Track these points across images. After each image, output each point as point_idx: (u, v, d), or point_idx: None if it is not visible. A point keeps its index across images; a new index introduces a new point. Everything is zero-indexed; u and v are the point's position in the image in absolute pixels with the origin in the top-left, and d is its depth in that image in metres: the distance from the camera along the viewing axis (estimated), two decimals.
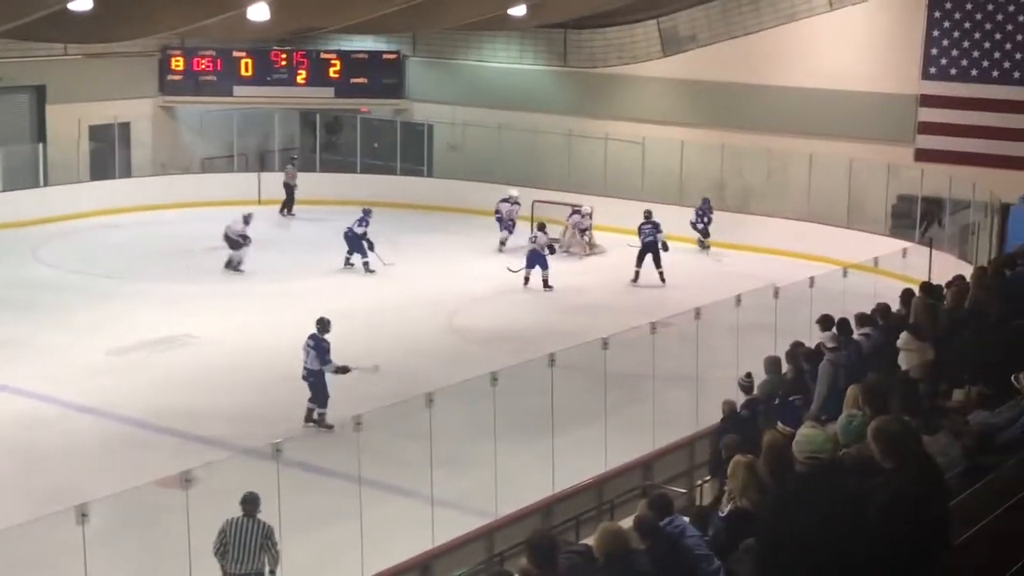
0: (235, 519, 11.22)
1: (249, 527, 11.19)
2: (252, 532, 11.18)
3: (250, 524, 11.21)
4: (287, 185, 31.81)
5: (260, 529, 11.20)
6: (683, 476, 15.16)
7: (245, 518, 11.23)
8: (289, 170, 32.12)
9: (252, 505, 11.28)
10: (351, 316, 22.59)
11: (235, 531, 11.16)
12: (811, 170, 28.71)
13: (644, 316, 17.99)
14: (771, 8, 30.12)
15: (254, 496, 11.31)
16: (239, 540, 11.14)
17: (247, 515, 11.24)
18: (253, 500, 11.30)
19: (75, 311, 22.72)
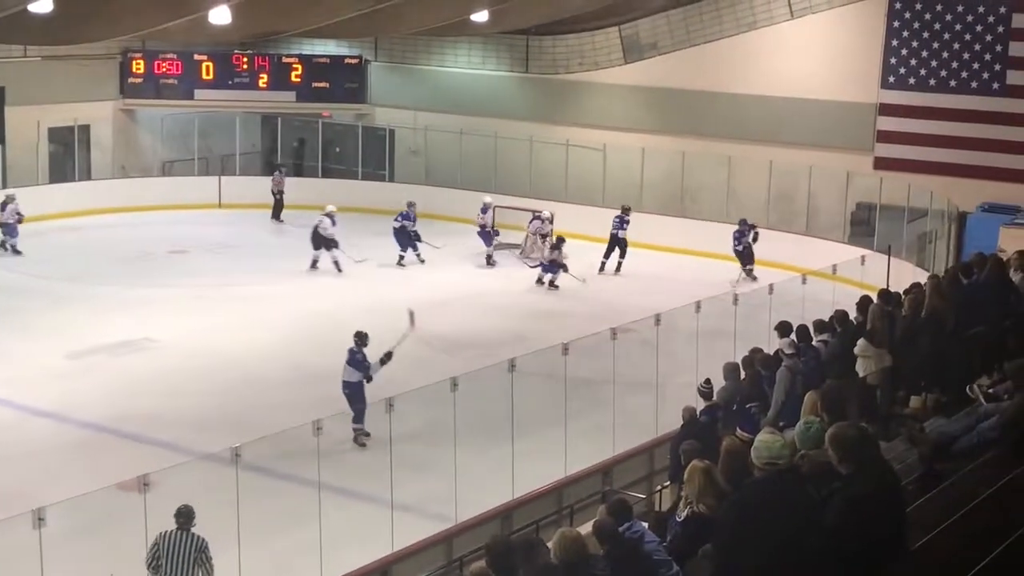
0: (168, 532, 11.06)
1: (183, 540, 11.03)
2: (186, 546, 11.01)
3: (184, 537, 11.04)
4: (275, 193, 31.58)
5: (194, 543, 11.03)
6: (642, 481, 15.23)
7: (179, 531, 11.05)
8: (276, 177, 31.84)
9: (186, 518, 11.09)
10: (313, 320, 22.60)
11: (168, 544, 11.00)
12: (771, 177, 28.89)
13: (605, 322, 18.05)
14: (732, 16, 30.31)
15: (188, 509, 11.12)
16: (172, 554, 10.98)
17: (181, 528, 11.06)
18: (187, 514, 11.11)
19: (34, 314, 22.54)
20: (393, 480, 13.38)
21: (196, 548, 11.03)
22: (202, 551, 11.07)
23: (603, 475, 15.00)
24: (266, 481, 14.30)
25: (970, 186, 26.94)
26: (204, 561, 11.10)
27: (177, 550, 10.99)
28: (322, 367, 18.76)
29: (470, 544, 12.78)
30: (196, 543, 11.05)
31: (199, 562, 11.06)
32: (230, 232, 30.00)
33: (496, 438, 15.20)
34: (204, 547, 11.08)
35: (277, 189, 31.61)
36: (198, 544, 11.06)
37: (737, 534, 6.53)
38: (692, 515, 8.44)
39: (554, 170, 31.46)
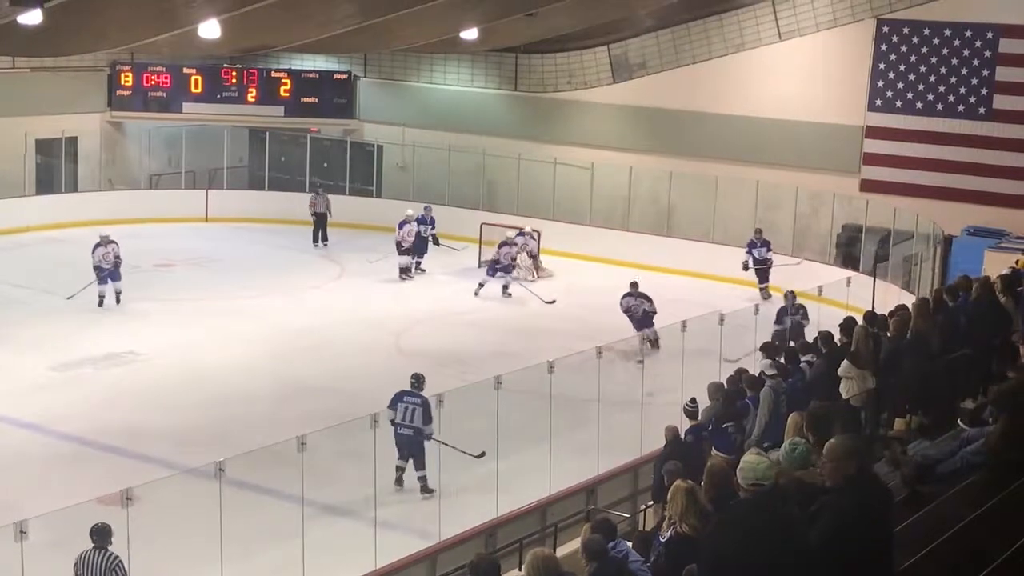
0: (86, 551, 10.99)
1: (96, 558, 10.96)
2: (98, 564, 10.94)
3: (97, 556, 10.97)
4: (314, 213, 30.51)
5: (105, 561, 10.95)
6: (627, 501, 15.22)
7: (94, 550, 10.98)
8: (314, 199, 30.77)
9: (100, 536, 11.00)
10: (298, 335, 22.58)
11: (84, 563, 10.96)
12: (757, 198, 28.97)
13: (591, 340, 18.06)
14: (720, 37, 30.42)
15: (103, 527, 11.01)
16: (87, 572, 10.95)
17: (96, 547, 10.99)
18: (100, 531, 11.00)
19: (18, 326, 22.48)
20: (377, 497, 13.35)
21: (106, 566, 10.94)
22: (112, 568, 10.97)
23: (587, 494, 14.98)
24: (250, 496, 14.27)
25: (956, 209, 27.04)
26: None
27: (91, 569, 10.94)
28: (307, 382, 18.74)
29: (454, 561, 12.76)
30: (107, 561, 10.97)
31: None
32: (216, 246, 29.96)
33: None
34: (115, 564, 10.97)
35: (319, 210, 30.49)
36: (109, 562, 10.96)
37: (722, 555, 6.52)
38: (676, 535, 8.44)
39: (542, 188, 31.51)
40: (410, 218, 27.71)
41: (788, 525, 6.61)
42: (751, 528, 6.50)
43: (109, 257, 23.68)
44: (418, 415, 15.29)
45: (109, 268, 23.68)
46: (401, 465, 15.50)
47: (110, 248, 23.73)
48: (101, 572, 10.94)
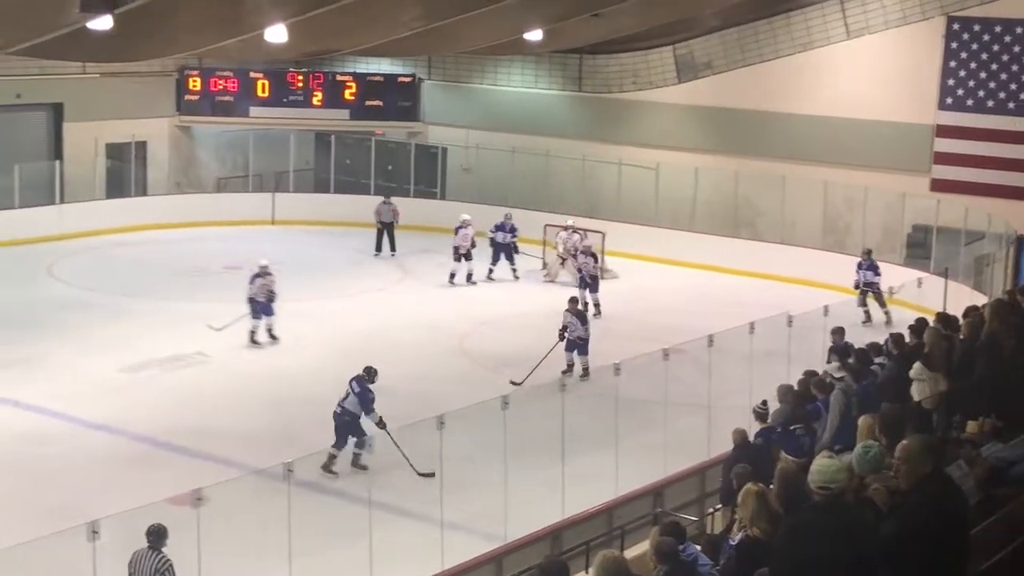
0: (140, 550, 11.09)
1: (147, 559, 11.04)
2: (148, 565, 11.01)
3: (149, 556, 11.05)
4: (380, 224, 29.93)
5: (155, 563, 11.02)
6: (694, 504, 15.11)
7: (148, 550, 11.07)
8: (380, 208, 30.18)
9: (155, 537, 11.09)
10: (363, 338, 22.66)
11: (136, 563, 11.05)
12: (826, 198, 28.70)
13: (656, 342, 17.96)
14: (788, 36, 30.18)
15: (159, 528, 11.10)
16: (139, 571, 11.04)
17: (150, 547, 11.07)
18: (156, 532, 11.09)
19: (89, 328, 22.77)
20: (443, 498, 13.35)
21: (154, 568, 11.00)
22: (160, 572, 11.01)
23: (654, 497, 14.88)
24: (317, 497, 14.34)
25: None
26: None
27: (142, 568, 11.02)
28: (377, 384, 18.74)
29: (520, 563, 12.73)
30: (156, 563, 11.02)
31: None
32: (282, 249, 30.11)
33: (546, 457, 15.14)
34: (165, 567, 11.02)
35: (385, 219, 29.97)
36: (158, 564, 11.01)
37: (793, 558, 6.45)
38: (746, 539, 8.36)
39: (606, 189, 31.44)
40: (466, 223, 27.61)
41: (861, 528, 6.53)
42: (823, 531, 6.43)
43: (265, 290, 22.05)
44: (350, 401, 16.30)
45: (263, 302, 22.04)
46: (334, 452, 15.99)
47: (268, 280, 22.12)
48: (150, 574, 11.01)
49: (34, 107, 31.70)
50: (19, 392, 18.97)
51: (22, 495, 15.35)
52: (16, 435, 17.37)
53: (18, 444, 17.04)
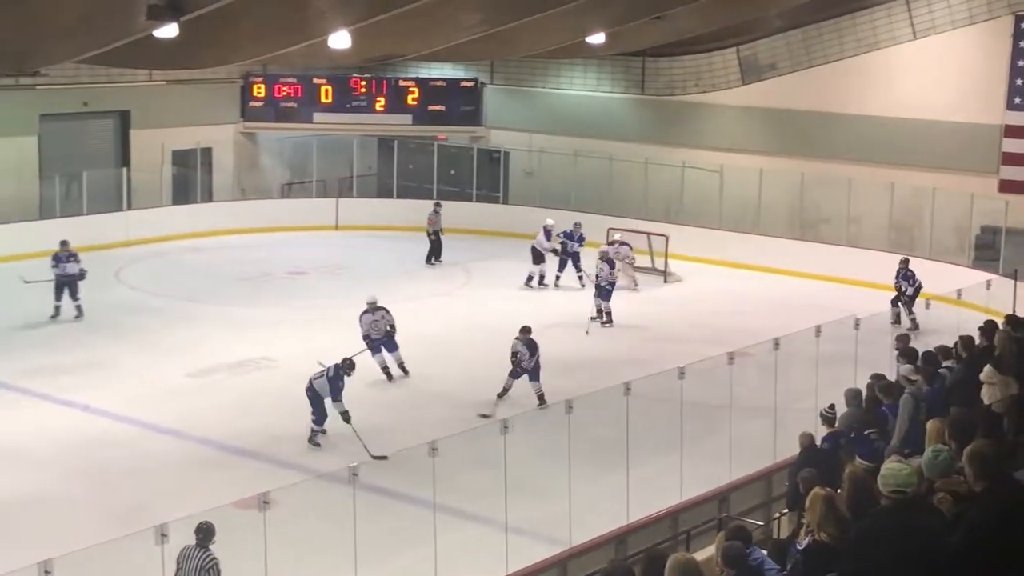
0: (188, 547, 11.17)
1: (194, 556, 11.13)
2: (195, 562, 11.10)
3: (196, 553, 11.14)
4: (429, 234, 29.67)
5: (201, 560, 11.10)
6: (760, 508, 14.99)
7: (195, 547, 11.16)
8: (430, 216, 29.90)
9: (203, 535, 11.17)
10: (425, 341, 22.70)
11: (184, 558, 11.14)
12: (892, 200, 28.39)
13: (721, 346, 17.83)
14: (853, 36, 29.91)
15: (207, 526, 11.18)
16: (186, 567, 11.13)
17: (198, 544, 11.16)
18: (203, 530, 11.17)
19: (156, 333, 23.01)
20: (508, 502, 13.33)
21: (201, 565, 11.10)
22: (206, 569, 11.10)
23: (719, 501, 14.79)
24: (382, 500, 14.38)
25: None
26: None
27: (189, 565, 11.13)
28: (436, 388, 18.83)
29: (584, 568, 12.70)
30: (202, 560, 11.12)
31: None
32: (346, 254, 30.35)
33: (610, 462, 15.08)
34: (210, 565, 11.11)
35: (432, 230, 29.66)
36: (203, 561, 11.11)
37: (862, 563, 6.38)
38: (814, 543, 8.27)
39: (669, 192, 31.31)
40: (549, 227, 27.69)
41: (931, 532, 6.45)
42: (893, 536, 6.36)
43: (380, 326, 20.83)
44: (320, 383, 17.48)
45: (380, 337, 20.84)
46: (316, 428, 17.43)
47: (379, 315, 20.93)
48: (196, 571, 11.12)
49: (101, 115, 32.16)
50: (88, 396, 19.22)
51: (91, 498, 15.53)
52: (85, 438, 17.58)
53: (87, 447, 17.24)
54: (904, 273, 24.48)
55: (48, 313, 23.54)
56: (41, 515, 14.88)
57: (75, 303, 23.68)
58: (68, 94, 30.52)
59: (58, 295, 23.59)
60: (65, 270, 23.55)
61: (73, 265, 23.58)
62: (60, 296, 23.62)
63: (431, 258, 29.60)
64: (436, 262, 29.60)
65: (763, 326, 22.02)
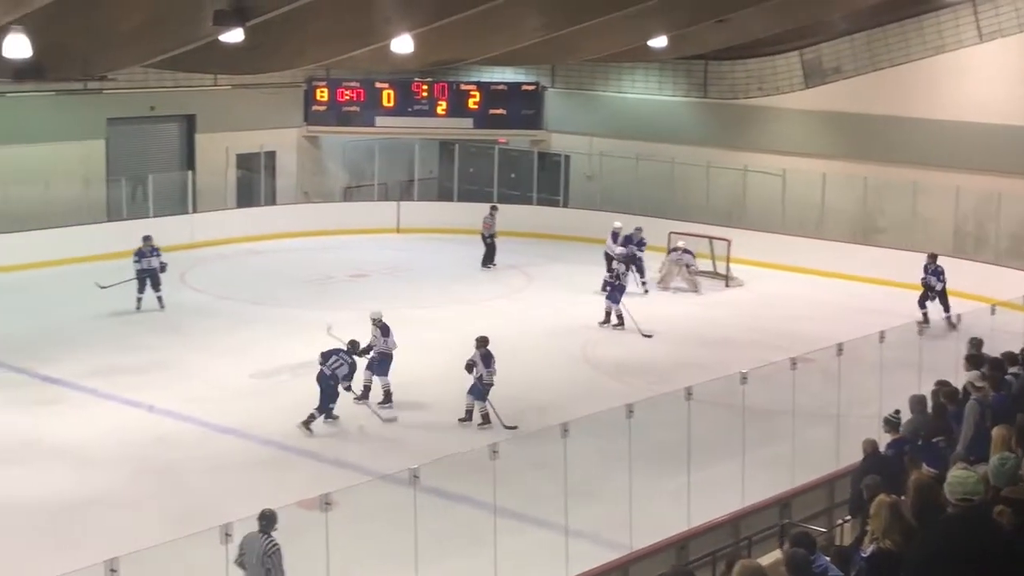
0: (251, 533, 11.35)
1: (257, 542, 11.30)
2: (256, 547, 11.27)
3: (259, 539, 11.31)
4: (485, 237, 29.53)
5: (263, 546, 11.26)
6: (823, 515, 14.85)
7: (258, 533, 11.34)
8: (486, 220, 29.66)
9: (265, 521, 11.36)
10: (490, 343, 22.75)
11: (248, 544, 11.31)
12: (957, 204, 28.07)
13: (783, 351, 17.73)
14: (919, 40, 29.60)
15: (269, 513, 11.37)
16: (248, 553, 11.30)
17: (260, 531, 11.34)
18: (266, 516, 11.37)
19: (219, 334, 23.24)
20: (568, 506, 13.32)
21: (263, 551, 11.24)
22: (267, 555, 11.24)
23: (781, 507, 14.67)
24: (443, 503, 14.42)
25: None
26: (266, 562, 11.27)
27: (251, 550, 11.27)
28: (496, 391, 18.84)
29: (646, 573, 12.64)
30: (264, 546, 11.26)
31: (263, 563, 11.27)
32: (407, 257, 30.50)
33: (671, 466, 15.04)
34: (272, 551, 11.25)
35: (488, 233, 29.52)
36: (265, 547, 11.26)
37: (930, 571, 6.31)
38: (879, 551, 8.19)
39: (732, 196, 31.16)
40: (616, 230, 27.73)
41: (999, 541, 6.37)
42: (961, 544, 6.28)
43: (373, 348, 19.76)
44: (342, 371, 18.21)
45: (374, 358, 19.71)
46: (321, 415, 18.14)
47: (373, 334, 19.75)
48: (258, 556, 11.26)
49: (168, 119, 32.55)
50: (153, 396, 19.45)
51: (156, 497, 15.71)
52: (150, 438, 17.79)
53: (151, 447, 17.44)
54: (933, 269, 24.38)
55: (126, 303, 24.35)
56: (106, 514, 15.08)
57: (156, 295, 24.69)
58: (135, 98, 30.92)
59: (141, 288, 24.55)
60: (149, 263, 24.50)
61: (155, 259, 24.60)
62: (143, 289, 24.56)
63: (487, 262, 29.66)
64: (491, 266, 29.64)
65: (826, 331, 21.87)
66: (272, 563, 11.26)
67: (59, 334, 22.92)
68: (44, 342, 22.31)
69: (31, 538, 14.49)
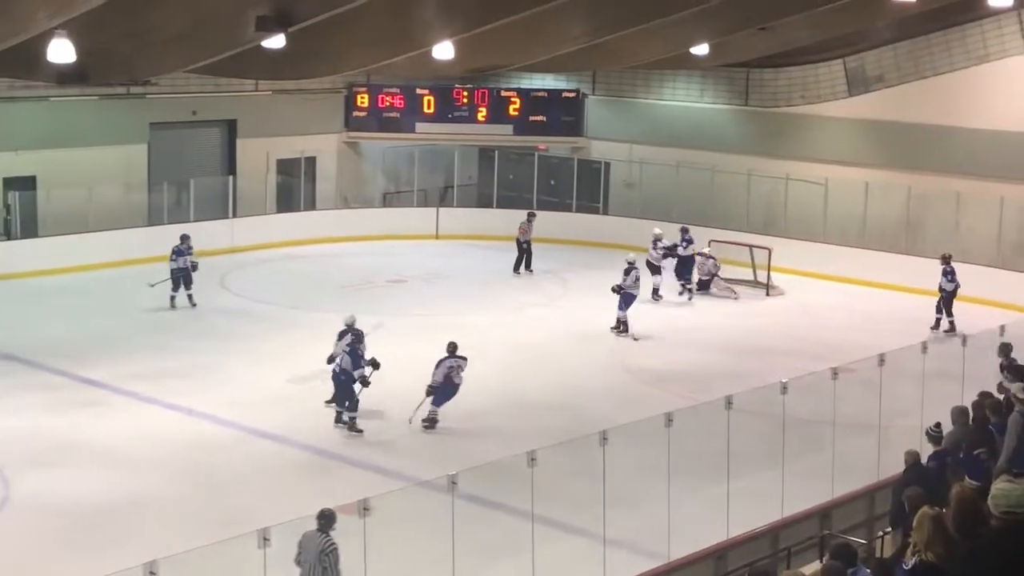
0: (310, 532, 11.51)
1: (315, 540, 11.46)
2: (314, 545, 11.44)
3: (317, 538, 11.46)
4: (521, 242, 29.59)
5: (321, 544, 11.42)
6: (863, 526, 14.74)
7: (316, 531, 11.48)
8: (523, 226, 29.77)
9: (324, 520, 11.50)
10: (524, 352, 22.74)
11: (306, 542, 11.48)
12: (1001, 214, 27.80)
13: (824, 360, 17.60)
14: (962, 49, 29.35)
15: (328, 513, 11.52)
16: (306, 551, 11.46)
17: (319, 529, 11.48)
18: (325, 516, 11.51)
19: (258, 339, 23.32)
20: (606, 515, 13.27)
21: (320, 549, 11.39)
22: (324, 553, 11.38)
23: (821, 518, 14.56)
24: (481, 510, 14.39)
25: None
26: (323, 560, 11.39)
27: (309, 548, 11.43)
28: (533, 398, 18.82)
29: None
30: (322, 544, 11.41)
31: (320, 561, 11.39)
32: (446, 263, 30.51)
33: (710, 476, 14.95)
34: (330, 549, 11.41)
35: (524, 239, 29.56)
36: (322, 546, 11.41)
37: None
38: (921, 563, 8.10)
39: (773, 204, 31.00)
40: (656, 236, 27.65)
41: None
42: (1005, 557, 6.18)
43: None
44: (346, 361, 18.27)
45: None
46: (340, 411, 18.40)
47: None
48: (315, 554, 11.39)
49: (209, 124, 32.74)
50: (191, 400, 19.53)
51: (194, 501, 15.76)
52: (188, 443, 17.86)
53: (190, 451, 17.51)
54: (944, 270, 24.51)
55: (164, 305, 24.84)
56: (146, 517, 15.15)
57: (187, 293, 25.11)
58: (177, 103, 31.12)
59: (175, 286, 25.01)
60: (186, 262, 24.96)
61: (188, 258, 25.05)
62: (177, 287, 25.01)
63: (519, 266, 29.66)
64: (526, 271, 29.64)
65: (867, 341, 21.72)
66: (329, 562, 11.40)
67: (99, 337, 23.07)
68: (85, 345, 22.47)
69: (71, 540, 14.57)
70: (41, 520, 15.04)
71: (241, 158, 32.68)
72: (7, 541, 14.48)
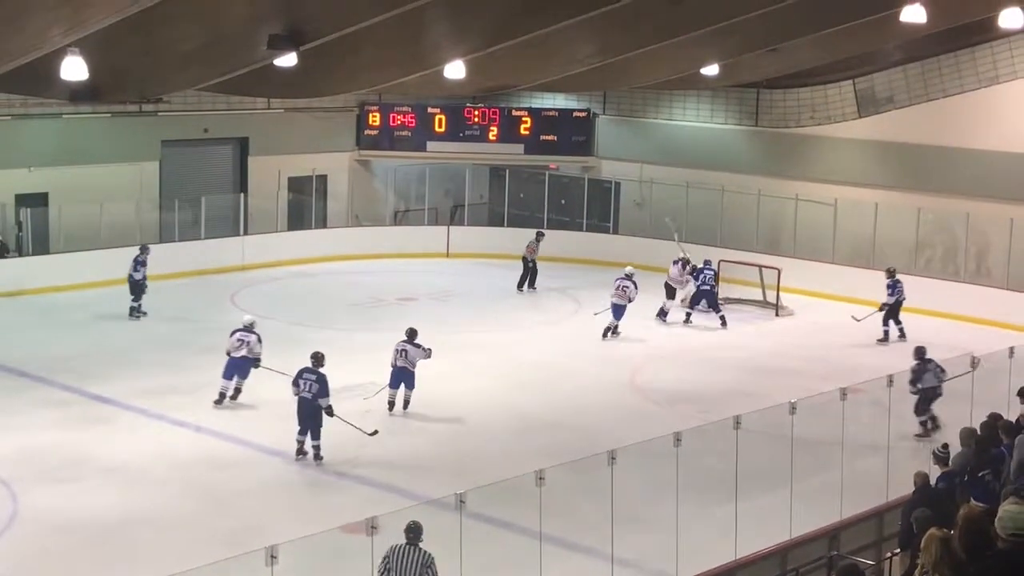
0: (398, 546, 11.39)
1: (410, 555, 11.35)
2: (412, 560, 11.33)
3: (411, 552, 11.37)
4: (527, 260, 29.80)
5: (420, 557, 11.35)
6: (871, 548, 14.70)
7: (407, 546, 11.40)
8: (531, 244, 29.95)
9: (415, 534, 11.45)
10: (535, 370, 22.74)
11: (397, 558, 11.34)
12: (1012, 236, 27.76)
13: (833, 381, 17.58)
14: (973, 71, 29.36)
15: (417, 525, 11.48)
16: (400, 566, 11.30)
17: (409, 543, 11.41)
18: (415, 529, 11.47)
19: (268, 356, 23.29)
20: (614, 534, 13.25)
21: (422, 563, 11.32)
22: (428, 566, 11.34)
23: (830, 539, 14.53)
24: (489, 528, 14.37)
25: None
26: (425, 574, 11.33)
27: (404, 563, 11.30)
28: (543, 417, 18.82)
29: None
30: (422, 557, 11.35)
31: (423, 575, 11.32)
32: (457, 281, 30.56)
33: (719, 496, 14.94)
34: (430, 562, 11.36)
35: (531, 257, 29.76)
36: (424, 559, 11.35)
37: None
38: None
39: (782, 225, 31.00)
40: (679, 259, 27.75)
41: None
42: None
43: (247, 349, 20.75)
44: (315, 389, 17.77)
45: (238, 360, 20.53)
46: (301, 439, 17.74)
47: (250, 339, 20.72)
48: (416, 569, 11.30)
49: (221, 141, 32.86)
50: (200, 417, 19.57)
51: (202, 518, 15.76)
52: (196, 459, 17.87)
53: (198, 468, 17.53)
54: (887, 284, 25.30)
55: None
56: (153, 534, 15.16)
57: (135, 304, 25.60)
58: (189, 121, 31.24)
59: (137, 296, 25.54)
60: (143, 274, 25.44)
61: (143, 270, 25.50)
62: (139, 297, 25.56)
63: (523, 284, 29.75)
64: (529, 289, 29.71)
65: (877, 362, 21.70)
66: (432, 573, 11.39)
67: (109, 354, 23.14)
68: (94, 361, 22.53)
69: (79, 556, 14.58)
70: (50, 536, 15.05)
71: (253, 176, 32.77)
72: (16, 557, 14.49)
